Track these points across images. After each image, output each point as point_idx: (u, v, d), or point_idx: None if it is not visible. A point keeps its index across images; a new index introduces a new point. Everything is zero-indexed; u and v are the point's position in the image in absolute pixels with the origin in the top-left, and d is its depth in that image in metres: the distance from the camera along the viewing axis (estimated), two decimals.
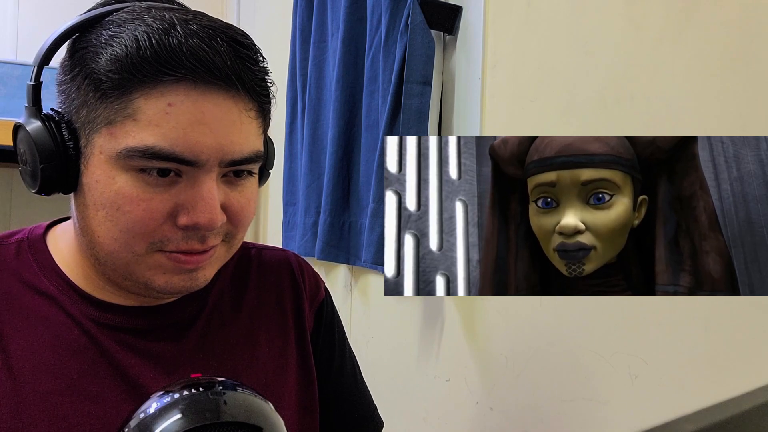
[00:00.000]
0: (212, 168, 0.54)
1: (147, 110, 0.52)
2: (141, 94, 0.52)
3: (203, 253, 0.57)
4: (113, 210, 0.54)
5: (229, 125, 0.54)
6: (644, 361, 0.76)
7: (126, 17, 0.54)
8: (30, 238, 0.63)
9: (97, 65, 0.53)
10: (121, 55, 0.52)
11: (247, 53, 0.55)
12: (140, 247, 0.55)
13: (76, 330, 0.59)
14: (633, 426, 0.76)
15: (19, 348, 0.57)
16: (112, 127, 0.53)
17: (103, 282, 0.61)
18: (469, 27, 1.05)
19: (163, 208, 0.54)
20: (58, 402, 0.56)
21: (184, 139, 0.52)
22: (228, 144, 0.54)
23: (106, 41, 0.53)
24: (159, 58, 0.51)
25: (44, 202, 1.85)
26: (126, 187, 0.53)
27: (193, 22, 0.53)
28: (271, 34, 1.82)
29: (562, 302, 0.86)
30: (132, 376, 0.60)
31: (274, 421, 0.55)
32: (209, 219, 0.54)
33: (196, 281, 0.58)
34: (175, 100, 0.52)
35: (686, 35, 0.73)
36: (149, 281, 0.57)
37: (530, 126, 0.93)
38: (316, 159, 1.42)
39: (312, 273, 0.77)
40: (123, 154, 0.53)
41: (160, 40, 0.51)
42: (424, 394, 1.13)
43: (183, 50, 0.51)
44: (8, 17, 1.90)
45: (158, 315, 0.63)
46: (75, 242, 0.61)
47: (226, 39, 0.54)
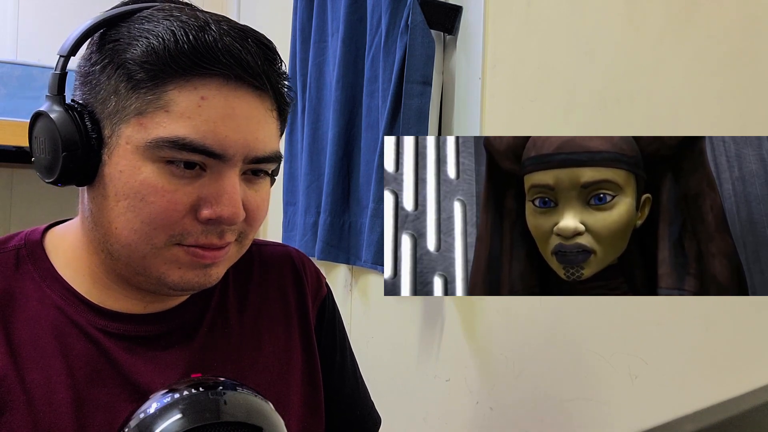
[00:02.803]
0: (237, 163, 0.56)
1: (180, 102, 0.53)
2: (175, 87, 0.53)
3: (220, 249, 0.58)
4: (137, 200, 0.54)
5: (255, 123, 0.56)
6: (644, 361, 0.76)
7: (158, 14, 0.55)
8: (27, 245, 0.62)
9: (132, 56, 0.54)
10: (158, 47, 0.53)
11: (272, 55, 0.58)
12: (160, 240, 0.55)
13: (83, 339, 0.59)
14: (633, 426, 0.76)
15: (29, 360, 0.57)
16: (142, 117, 0.53)
17: (109, 282, 0.60)
18: (469, 27, 1.05)
19: (186, 200, 0.55)
20: (72, 413, 0.56)
21: (215, 133, 0.54)
22: (253, 141, 0.56)
23: (140, 34, 0.54)
24: (196, 52, 0.53)
25: (44, 202, 1.85)
26: (152, 177, 0.54)
27: (224, 23, 0.55)
28: (271, 34, 1.80)
29: (562, 302, 0.86)
30: (141, 383, 0.59)
31: (274, 421, 0.55)
32: (232, 212, 0.55)
33: (209, 278, 0.59)
34: (208, 94, 0.54)
35: (686, 35, 0.73)
36: (163, 276, 0.57)
37: (530, 126, 0.93)
38: (316, 159, 1.42)
39: (313, 269, 0.77)
40: (152, 144, 0.53)
41: (196, 35, 0.53)
42: (424, 394, 1.13)
43: (218, 47, 0.53)
44: (8, 17, 1.90)
45: (164, 320, 0.63)
46: (80, 242, 0.61)
47: (256, 41, 0.56)
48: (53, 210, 0.75)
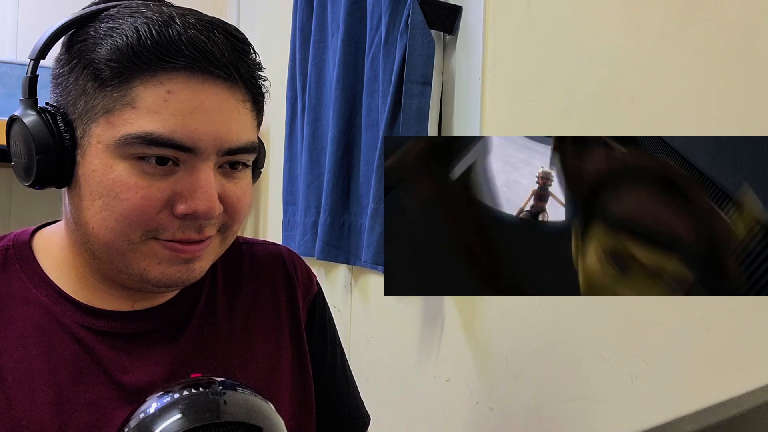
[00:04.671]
0: (210, 156, 0.55)
1: (146, 98, 0.53)
2: (140, 82, 0.53)
3: (200, 243, 0.57)
4: (110, 198, 0.54)
5: (226, 114, 0.56)
6: (644, 361, 0.76)
7: (124, 11, 0.55)
8: (16, 245, 0.62)
9: (97, 55, 0.54)
10: (121, 45, 0.53)
11: (242, 47, 0.57)
12: (135, 235, 0.55)
13: (67, 339, 0.58)
14: (633, 426, 0.76)
15: (11, 360, 0.57)
16: (110, 115, 0.53)
17: (95, 281, 0.60)
18: (469, 27, 1.05)
19: (160, 195, 0.54)
20: (53, 413, 0.56)
21: (183, 126, 0.53)
22: (225, 132, 0.55)
23: (106, 33, 0.54)
24: (159, 46, 0.52)
25: (44, 202, 1.85)
26: (124, 175, 0.53)
27: (191, 16, 0.55)
28: (271, 34, 1.82)
29: (562, 302, 0.86)
30: (127, 381, 0.59)
31: (274, 421, 0.55)
32: (207, 207, 0.55)
33: (192, 272, 0.58)
34: (174, 88, 0.53)
35: (686, 35, 0.73)
36: (144, 272, 0.57)
37: (530, 126, 0.93)
38: (316, 159, 1.42)
39: (304, 267, 0.77)
40: (122, 142, 0.53)
41: (160, 30, 0.53)
42: (424, 394, 1.13)
43: (182, 40, 0.53)
44: (8, 17, 1.90)
45: (152, 318, 0.62)
46: (66, 242, 0.61)
47: (222, 32, 0.55)
48: (53, 210, 0.75)
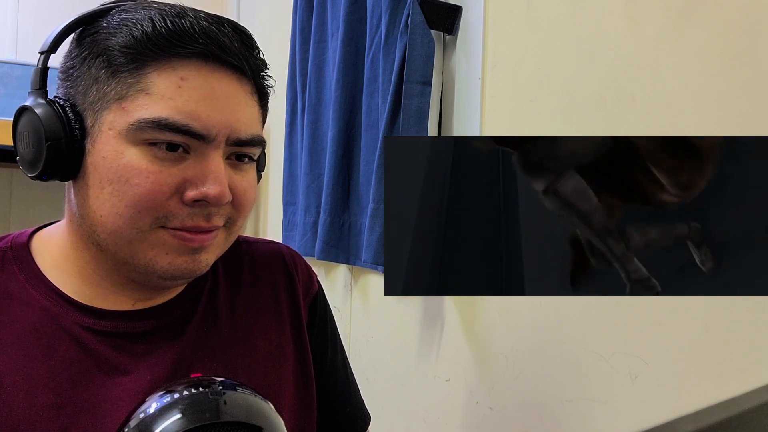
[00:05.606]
0: (220, 144, 0.56)
1: (160, 84, 0.54)
2: (154, 69, 0.54)
3: (208, 232, 0.57)
4: (121, 184, 0.54)
5: (236, 104, 0.57)
6: (644, 361, 0.76)
7: (136, 6, 0.57)
8: (14, 247, 0.62)
9: (111, 43, 0.55)
10: (136, 33, 0.54)
11: (250, 42, 0.59)
12: (144, 223, 0.55)
13: (67, 341, 0.58)
14: (633, 426, 0.76)
15: (10, 362, 0.56)
16: (123, 101, 0.54)
17: (98, 279, 0.60)
18: (469, 27, 1.05)
19: (171, 181, 0.55)
20: (53, 416, 0.56)
21: (196, 113, 0.54)
22: (235, 122, 0.57)
23: (119, 23, 0.56)
24: (173, 34, 0.54)
25: (44, 203, 1.85)
26: (135, 160, 0.54)
27: (201, 11, 0.57)
28: (271, 34, 1.82)
29: (562, 302, 0.86)
30: (128, 381, 0.59)
31: (274, 421, 0.55)
32: (219, 191, 0.55)
33: (199, 264, 0.58)
34: (188, 74, 0.55)
35: (686, 35, 0.73)
36: (151, 262, 0.56)
37: (530, 126, 0.93)
38: (316, 159, 1.42)
39: (304, 265, 0.77)
40: (135, 126, 0.54)
41: (173, 20, 0.55)
42: (424, 394, 1.13)
43: (195, 29, 0.55)
44: (8, 17, 1.90)
45: (153, 317, 0.62)
46: (68, 240, 0.61)
47: (231, 27, 0.58)
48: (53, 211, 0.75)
